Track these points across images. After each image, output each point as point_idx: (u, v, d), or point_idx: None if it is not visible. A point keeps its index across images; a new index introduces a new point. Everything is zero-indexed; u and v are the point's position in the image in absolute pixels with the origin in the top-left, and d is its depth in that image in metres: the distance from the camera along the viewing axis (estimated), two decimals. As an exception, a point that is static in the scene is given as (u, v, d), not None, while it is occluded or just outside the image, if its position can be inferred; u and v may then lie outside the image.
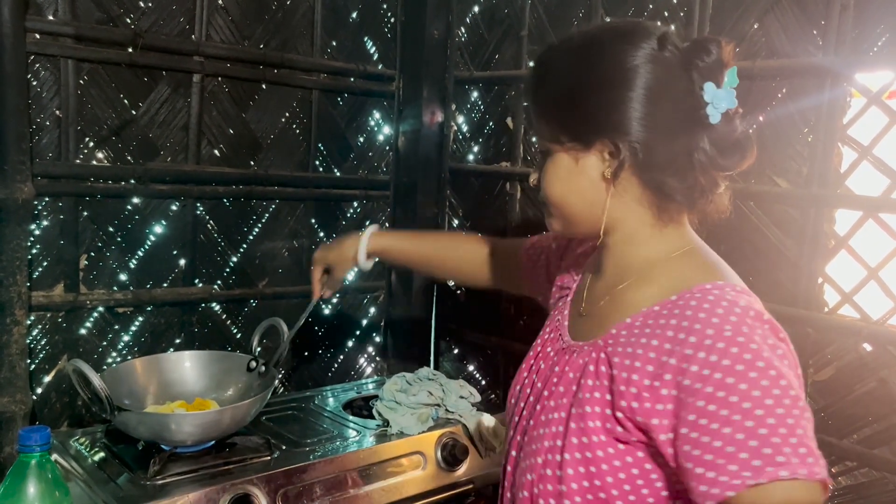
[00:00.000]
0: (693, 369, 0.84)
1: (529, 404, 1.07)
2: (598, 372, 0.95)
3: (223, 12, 1.97)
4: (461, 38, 2.29)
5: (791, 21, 1.52)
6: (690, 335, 0.86)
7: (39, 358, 1.80)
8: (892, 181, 1.39)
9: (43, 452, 1.13)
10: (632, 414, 0.89)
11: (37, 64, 1.73)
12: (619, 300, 1.00)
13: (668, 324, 0.89)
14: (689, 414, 0.83)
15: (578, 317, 1.08)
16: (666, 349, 0.87)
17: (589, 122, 0.96)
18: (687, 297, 0.90)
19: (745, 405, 0.80)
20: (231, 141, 2.04)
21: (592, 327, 1.02)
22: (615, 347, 0.94)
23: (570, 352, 1.03)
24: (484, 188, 2.26)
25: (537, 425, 1.01)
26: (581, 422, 0.94)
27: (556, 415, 0.98)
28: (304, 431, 1.72)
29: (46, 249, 1.78)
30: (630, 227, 0.99)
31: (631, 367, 0.90)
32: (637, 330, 0.93)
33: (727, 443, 0.80)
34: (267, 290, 2.16)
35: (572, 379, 0.99)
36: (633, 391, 0.89)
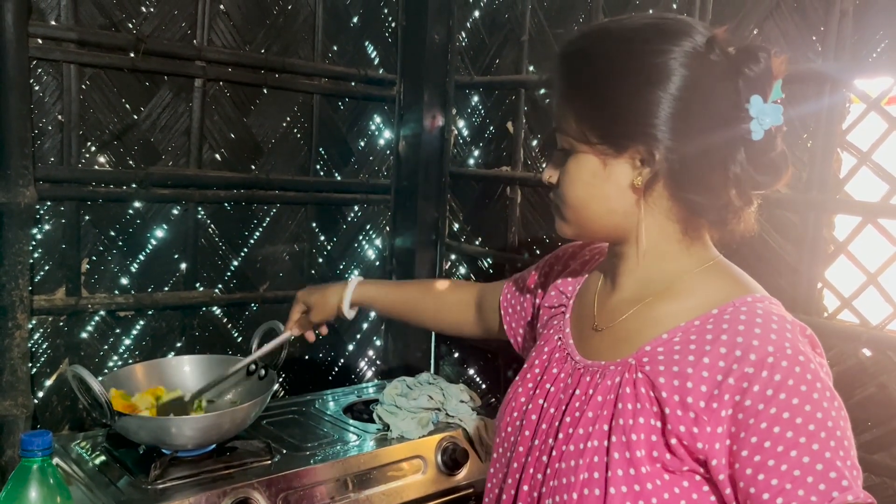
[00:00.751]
0: (755, 389, 0.79)
1: (542, 432, 0.96)
2: (639, 395, 0.87)
3: (225, 17, 1.98)
4: (462, 42, 2.30)
5: (790, 27, 1.52)
6: (750, 352, 0.81)
7: (41, 362, 1.81)
8: (891, 187, 1.39)
9: (45, 457, 1.13)
10: (691, 440, 0.82)
11: (39, 69, 1.74)
12: (645, 315, 0.93)
13: (719, 339, 0.83)
14: (752, 436, 0.79)
15: (591, 334, 1.00)
16: (721, 367, 0.82)
17: (625, 124, 0.87)
18: (730, 310, 0.86)
19: (810, 427, 0.77)
20: (232, 145, 2.05)
21: (613, 345, 0.95)
22: (655, 366, 0.87)
23: (590, 373, 0.94)
24: (484, 192, 2.27)
25: (564, 457, 0.90)
26: (626, 451, 0.84)
27: (590, 444, 0.88)
28: (305, 435, 1.73)
29: (48, 253, 1.79)
30: (654, 240, 0.92)
31: (683, 389, 0.83)
32: (678, 346, 0.87)
33: (794, 466, 0.77)
34: (268, 293, 2.16)
35: (602, 403, 0.89)
36: (690, 416, 0.82)
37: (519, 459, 0.98)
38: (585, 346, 1.00)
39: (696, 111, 0.85)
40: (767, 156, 0.87)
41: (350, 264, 2.36)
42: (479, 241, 2.30)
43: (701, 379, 0.83)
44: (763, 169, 0.87)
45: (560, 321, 1.07)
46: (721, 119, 0.85)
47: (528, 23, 2.09)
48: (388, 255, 2.43)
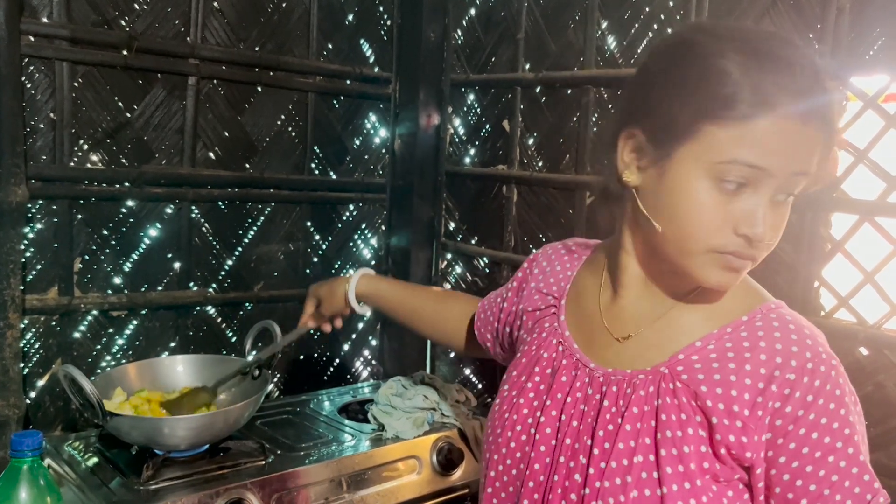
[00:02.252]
0: (797, 395, 0.80)
1: (568, 448, 0.90)
2: (682, 405, 0.84)
3: (219, 15, 1.97)
4: (457, 40, 2.29)
5: (787, 24, 1.52)
6: (790, 359, 0.82)
7: (33, 362, 1.80)
8: (888, 185, 1.39)
9: (35, 457, 1.12)
10: (740, 450, 0.81)
11: (31, 66, 1.72)
12: (674, 323, 0.91)
13: (757, 346, 0.84)
14: (791, 442, 0.80)
15: (610, 341, 0.95)
16: (762, 374, 0.82)
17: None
18: (760, 317, 0.87)
19: (845, 431, 0.80)
20: (226, 144, 2.04)
21: (640, 353, 0.91)
22: (693, 375, 0.85)
23: (616, 383, 0.90)
24: (480, 191, 2.26)
25: (607, 475, 0.85)
26: (679, 464, 0.82)
27: (636, 459, 0.84)
28: (299, 435, 1.72)
29: (40, 252, 1.78)
30: None
31: (727, 397, 0.82)
32: (715, 354, 0.85)
33: (832, 472, 0.79)
34: (262, 293, 2.15)
35: (639, 415, 0.86)
36: (738, 424, 0.81)
37: (535, 478, 0.92)
38: (600, 354, 0.95)
39: None
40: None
41: (345, 264, 2.35)
42: (476, 241, 2.29)
43: (744, 387, 0.82)
44: None
45: (553, 323, 1.02)
46: None
47: (524, 21, 2.08)
48: (383, 255, 2.42)
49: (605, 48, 1.89)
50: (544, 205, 2.06)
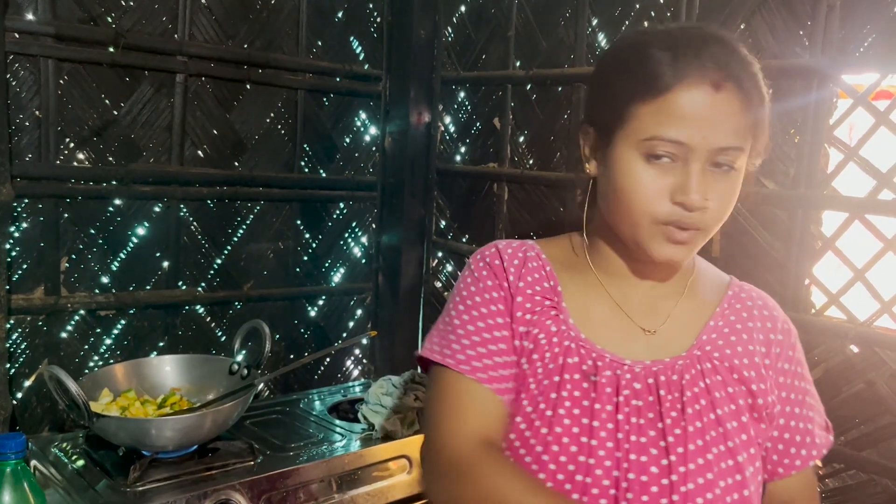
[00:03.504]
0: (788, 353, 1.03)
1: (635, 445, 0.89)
2: (727, 380, 0.95)
3: (207, 11, 1.95)
4: (448, 38, 2.28)
5: (778, 22, 1.51)
6: (777, 322, 1.03)
7: (20, 362, 1.78)
8: (878, 182, 1.38)
9: (18, 460, 1.11)
10: (771, 407, 0.97)
11: (16, 64, 1.70)
12: (685, 308, 1.01)
13: (752, 315, 1.01)
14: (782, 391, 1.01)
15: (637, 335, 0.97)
16: (761, 340, 1.00)
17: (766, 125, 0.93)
18: (736, 289, 1.05)
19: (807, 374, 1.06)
20: (215, 142, 2.02)
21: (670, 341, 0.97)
22: (721, 350, 0.97)
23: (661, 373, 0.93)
24: (471, 189, 2.25)
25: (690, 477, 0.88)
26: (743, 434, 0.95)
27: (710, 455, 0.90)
28: (289, 435, 1.70)
29: (26, 252, 1.76)
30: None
31: (752, 364, 0.97)
32: (727, 329, 0.99)
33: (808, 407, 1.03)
34: (252, 292, 2.14)
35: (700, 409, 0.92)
36: (763, 387, 0.97)
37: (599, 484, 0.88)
38: (628, 348, 0.96)
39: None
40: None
41: (335, 262, 2.34)
42: (466, 239, 2.28)
43: (757, 352, 0.98)
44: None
45: (561, 327, 0.96)
46: None
47: (515, 18, 2.07)
48: (374, 253, 2.41)
49: (596, 45, 1.88)
50: (535, 202, 2.05)
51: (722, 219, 0.91)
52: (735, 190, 0.91)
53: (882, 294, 1.39)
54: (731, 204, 0.91)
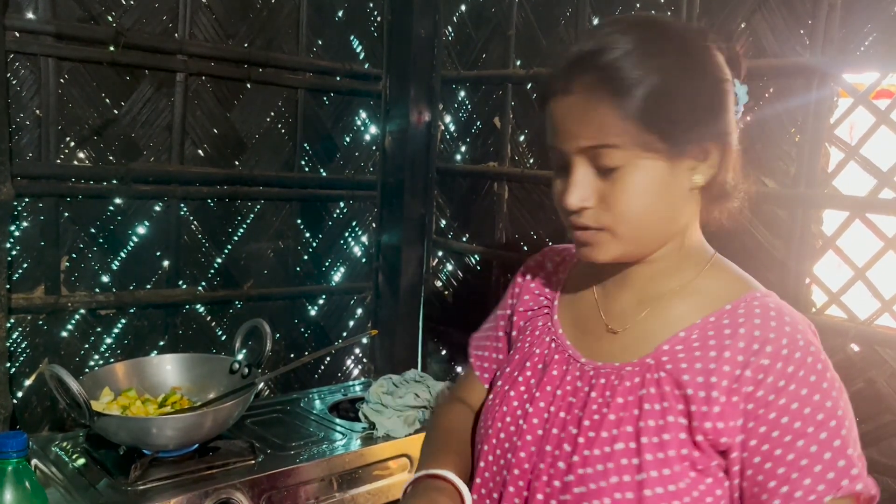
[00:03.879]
0: (769, 381, 0.82)
1: (554, 437, 0.93)
2: (665, 394, 0.87)
3: (207, 10, 1.95)
4: (448, 37, 2.28)
5: (778, 21, 1.51)
6: (766, 345, 0.84)
7: (20, 361, 1.78)
8: (879, 181, 1.38)
9: (20, 459, 1.11)
10: (716, 435, 0.84)
11: (16, 62, 1.70)
12: (659, 315, 0.93)
13: (737, 334, 0.86)
14: (761, 426, 0.82)
15: (601, 335, 0.98)
16: (740, 361, 0.84)
17: (692, 125, 0.86)
18: (744, 306, 0.88)
19: (818, 416, 0.81)
20: (215, 141, 2.02)
21: (628, 346, 0.94)
22: (677, 364, 0.87)
23: (604, 375, 0.92)
24: (472, 188, 2.25)
25: (589, 462, 0.87)
26: (660, 451, 0.85)
27: (617, 447, 0.86)
28: (290, 434, 1.71)
29: (27, 251, 1.76)
30: (685, 236, 0.94)
31: (708, 385, 0.84)
32: (698, 343, 0.88)
33: (801, 456, 0.80)
34: (252, 291, 2.14)
35: (624, 405, 0.88)
36: (716, 410, 0.84)
37: (521, 466, 0.94)
38: (592, 348, 0.98)
39: (722, 100, 0.89)
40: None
41: (336, 262, 2.34)
42: (467, 238, 2.28)
43: (723, 374, 0.84)
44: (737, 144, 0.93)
45: (547, 322, 1.04)
46: (731, 104, 0.91)
47: (515, 17, 2.07)
48: (374, 252, 2.41)
49: (596, 44, 1.88)
50: (535, 201, 2.05)
51: (626, 216, 0.87)
52: (628, 188, 0.85)
53: (882, 293, 1.39)
54: (631, 202, 0.86)
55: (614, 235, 0.89)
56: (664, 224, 0.90)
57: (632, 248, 0.91)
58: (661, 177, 0.86)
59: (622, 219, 0.87)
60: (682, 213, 0.92)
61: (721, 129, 0.89)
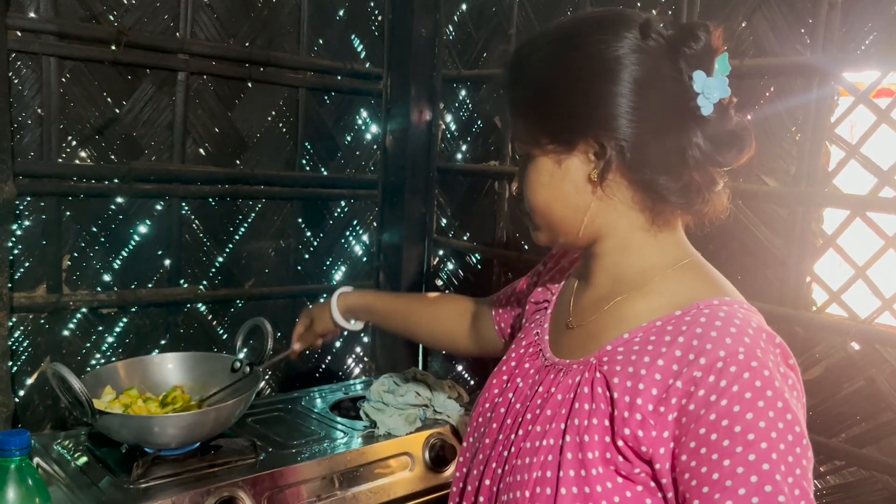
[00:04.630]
0: (700, 393, 0.77)
1: (507, 427, 0.96)
2: (594, 394, 0.85)
3: (208, 10, 1.95)
4: (449, 36, 2.28)
5: (779, 19, 1.52)
6: (701, 356, 0.79)
7: (22, 360, 1.78)
8: (879, 180, 1.39)
9: (23, 457, 1.11)
10: (636, 443, 0.80)
11: (18, 62, 1.71)
12: (613, 314, 0.92)
13: (675, 341, 0.82)
14: (691, 441, 0.77)
15: (564, 331, 1.00)
16: (673, 370, 0.80)
17: (570, 121, 0.87)
18: (694, 312, 0.84)
19: (748, 436, 0.74)
20: (216, 140, 2.03)
21: (581, 343, 0.94)
22: (612, 366, 0.85)
23: (556, 370, 0.94)
24: (472, 187, 2.25)
25: (520, 454, 0.89)
26: (579, 452, 0.83)
27: (545, 442, 0.87)
28: (291, 433, 1.71)
29: (28, 250, 1.76)
30: (622, 233, 0.91)
31: (634, 390, 0.81)
32: (637, 347, 0.85)
33: (726, 476, 0.74)
34: (253, 290, 2.14)
35: (561, 402, 0.89)
36: (637, 417, 0.80)
37: (484, 451, 0.99)
38: (558, 344, 1.00)
39: (640, 96, 0.85)
40: (724, 129, 0.86)
41: (337, 260, 2.34)
42: (468, 237, 2.28)
43: (653, 382, 0.81)
44: (722, 144, 0.86)
45: (541, 317, 1.07)
46: (667, 99, 0.85)
47: (516, 16, 2.07)
48: (375, 251, 2.41)
49: (597, 43, 1.88)
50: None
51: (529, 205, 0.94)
52: (526, 180, 0.93)
53: (883, 291, 1.39)
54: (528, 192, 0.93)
55: (531, 221, 0.97)
56: (567, 214, 0.92)
57: (550, 234, 0.96)
58: (549, 171, 0.91)
59: (528, 207, 0.95)
60: (584, 206, 0.90)
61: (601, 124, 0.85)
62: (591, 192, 0.90)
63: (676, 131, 0.86)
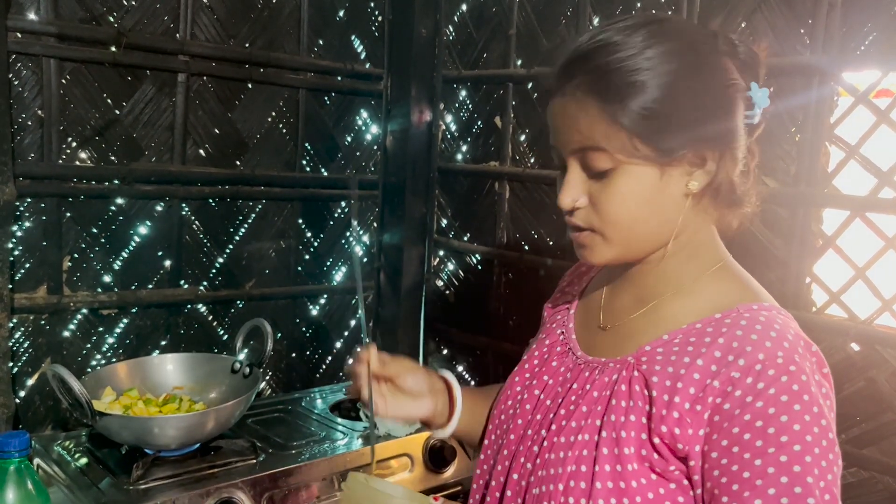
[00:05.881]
0: (736, 394, 0.79)
1: (536, 422, 0.96)
2: (633, 392, 0.87)
3: (208, 11, 1.96)
4: (449, 36, 2.28)
5: (779, 20, 1.51)
6: (739, 357, 0.80)
7: (22, 361, 1.78)
8: (879, 180, 1.38)
9: (22, 458, 1.11)
10: (672, 441, 0.82)
11: (18, 63, 1.71)
12: (651, 315, 0.93)
13: (715, 342, 0.83)
14: (723, 439, 0.79)
15: (596, 332, 1.00)
16: (712, 371, 0.82)
17: (685, 131, 0.84)
18: (734, 315, 0.85)
19: (782, 438, 0.76)
20: (217, 141, 2.03)
21: (616, 343, 0.95)
22: (651, 366, 0.87)
23: (590, 368, 0.94)
24: (473, 188, 2.25)
25: (554, 448, 0.90)
26: (615, 447, 0.85)
27: (581, 437, 0.88)
28: (291, 434, 1.71)
29: (29, 251, 1.76)
30: (684, 239, 0.91)
31: (673, 389, 0.83)
32: (677, 348, 0.86)
33: (757, 475, 0.76)
34: (254, 291, 2.14)
35: (597, 399, 0.90)
36: (675, 415, 0.82)
37: (510, 447, 0.99)
38: (589, 343, 1.00)
39: (729, 108, 0.87)
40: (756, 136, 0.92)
41: (337, 261, 2.34)
42: (468, 237, 2.28)
43: (691, 381, 0.82)
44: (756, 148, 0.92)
45: (564, 316, 1.07)
46: (741, 110, 0.88)
47: (516, 16, 2.07)
48: (375, 252, 2.41)
49: (597, 44, 1.88)
50: (537, 201, 2.06)
51: (614, 220, 0.87)
52: (617, 192, 0.85)
53: (883, 292, 1.39)
54: (619, 207, 0.86)
55: (604, 238, 0.89)
56: (655, 229, 0.89)
57: (623, 251, 0.90)
58: (651, 183, 0.85)
59: (610, 222, 0.87)
60: (675, 218, 0.89)
61: (720, 136, 0.86)
62: (684, 205, 0.88)
63: (745, 139, 0.89)
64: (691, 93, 0.84)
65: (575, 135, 0.86)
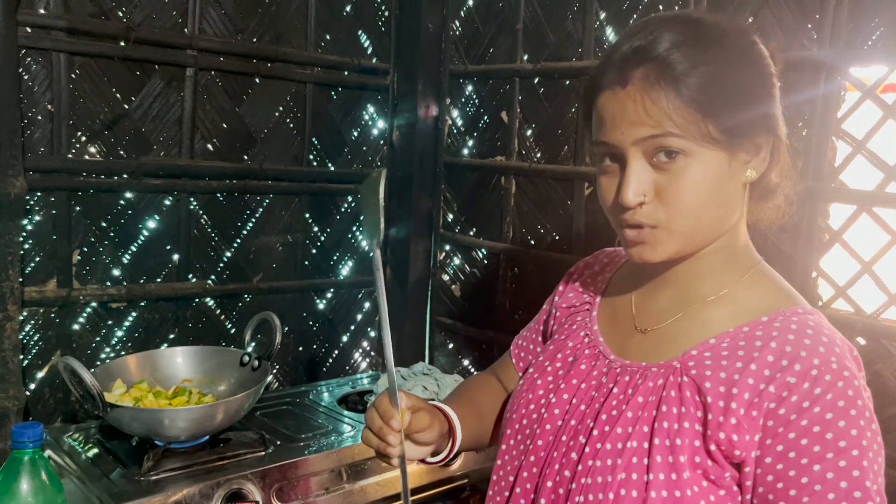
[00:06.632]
0: (793, 399, 0.79)
1: (570, 428, 0.93)
2: (684, 398, 0.85)
3: (216, 6, 1.96)
4: (456, 31, 2.28)
5: (786, 15, 1.52)
6: (795, 363, 0.80)
7: (32, 353, 1.80)
8: (886, 175, 1.39)
9: (36, 449, 1.12)
10: (730, 447, 0.81)
11: (28, 58, 1.72)
12: (693, 319, 0.91)
13: (767, 346, 0.83)
14: (779, 444, 0.79)
15: (630, 333, 0.97)
16: (765, 376, 0.81)
17: (746, 115, 0.84)
18: (781, 319, 0.85)
19: (840, 443, 0.77)
20: (225, 135, 2.04)
21: (656, 347, 0.93)
22: (701, 371, 0.85)
23: (629, 373, 0.92)
24: (479, 182, 2.26)
25: (600, 455, 0.87)
26: (669, 455, 0.83)
27: (630, 444, 0.85)
28: (299, 426, 1.72)
29: (39, 244, 1.78)
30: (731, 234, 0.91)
31: (728, 395, 0.82)
32: (727, 352, 0.85)
33: (815, 481, 0.76)
34: (261, 284, 2.15)
35: (643, 404, 0.87)
36: (732, 422, 0.81)
37: (537, 453, 0.95)
38: (622, 346, 0.97)
39: (773, 93, 0.88)
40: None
41: (344, 255, 2.35)
42: (474, 232, 2.29)
43: (746, 386, 0.82)
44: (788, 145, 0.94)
45: (585, 318, 1.05)
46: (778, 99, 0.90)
47: (523, 11, 2.07)
48: (382, 247, 2.41)
49: (604, 39, 1.89)
50: (543, 196, 2.06)
51: (684, 212, 0.84)
52: (687, 180, 0.83)
53: (889, 287, 1.40)
54: (689, 195, 0.83)
55: (669, 232, 0.85)
56: (718, 219, 0.87)
57: (685, 244, 0.87)
58: (721, 169, 0.84)
59: (679, 212, 0.84)
60: (735, 209, 0.89)
61: (771, 122, 0.87)
62: (743, 195, 0.90)
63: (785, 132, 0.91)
64: (743, 75, 0.85)
65: (644, 122, 0.83)
